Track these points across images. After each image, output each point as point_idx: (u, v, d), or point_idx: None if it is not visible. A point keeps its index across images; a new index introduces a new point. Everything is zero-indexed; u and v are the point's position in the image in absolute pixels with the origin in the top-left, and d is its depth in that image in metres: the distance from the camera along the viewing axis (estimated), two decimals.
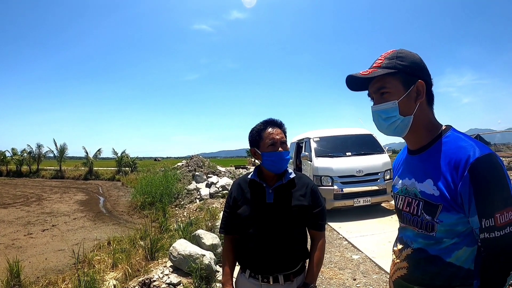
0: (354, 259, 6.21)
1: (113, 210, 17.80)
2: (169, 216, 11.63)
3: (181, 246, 5.09)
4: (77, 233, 11.88)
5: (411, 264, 1.59)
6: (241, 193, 2.34)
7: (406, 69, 1.52)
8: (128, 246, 7.79)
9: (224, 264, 2.37)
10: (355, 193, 9.48)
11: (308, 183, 2.33)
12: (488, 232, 1.34)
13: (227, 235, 2.40)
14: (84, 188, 29.00)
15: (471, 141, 1.45)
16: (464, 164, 1.37)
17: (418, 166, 1.61)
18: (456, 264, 1.46)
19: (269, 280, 2.20)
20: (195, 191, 15.44)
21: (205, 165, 21.76)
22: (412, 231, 1.60)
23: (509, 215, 1.32)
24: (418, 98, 1.52)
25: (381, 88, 1.56)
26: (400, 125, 1.56)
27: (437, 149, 1.52)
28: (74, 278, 5.63)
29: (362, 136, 11.39)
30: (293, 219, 2.20)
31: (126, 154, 45.27)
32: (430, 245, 1.51)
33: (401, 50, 1.58)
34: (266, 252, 2.17)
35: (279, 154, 2.23)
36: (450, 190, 1.41)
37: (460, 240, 1.45)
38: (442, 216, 1.44)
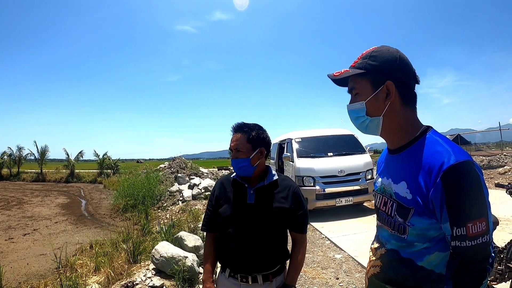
0: (336, 259, 6.27)
1: (95, 213, 17.64)
2: (151, 218, 11.59)
3: (163, 248, 5.08)
4: (59, 237, 11.73)
5: (384, 263, 1.59)
6: (223, 192, 2.36)
7: (374, 69, 1.49)
8: (110, 249, 7.75)
9: (205, 262, 2.39)
10: (337, 193, 9.57)
11: (291, 186, 2.34)
12: (460, 241, 1.32)
13: (209, 233, 2.41)
14: (65, 191, 28.67)
15: (448, 145, 1.40)
16: (437, 171, 1.33)
17: (395, 167, 1.58)
18: (427, 268, 1.45)
19: (248, 280, 2.22)
20: (177, 193, 15.37)
21: (187, 166, 21.67)
22: (386, 231, 1.59)
23: (482, 225, 1.30)
24: (388, 98, 1.49)
25: (352, 88, 1.57)
26: (369, 125, 1.56)
27: (414, 151, 1.48)
28: (56, 283, 5.60)
29: (344, 137, 11.50)
30: (273, 220, 2.22)
31: (108, 156, 44.78)
32: (402, 247, 1.50)
33: (380, 48, 1.55)
34: (245, 252, 2.19)
35: (233, 162, 2.29)
36: (422, 195, 1.38)
37: (432, 245, 1.44)
38: (414, 220, 1.42)
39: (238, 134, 2.29)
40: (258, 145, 2.28)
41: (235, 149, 2.26)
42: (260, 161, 2.30)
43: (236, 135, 2.29)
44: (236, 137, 2.28)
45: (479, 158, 18.50)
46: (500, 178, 15.54)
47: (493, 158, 17.69)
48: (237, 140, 2.27)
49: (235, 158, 2.26)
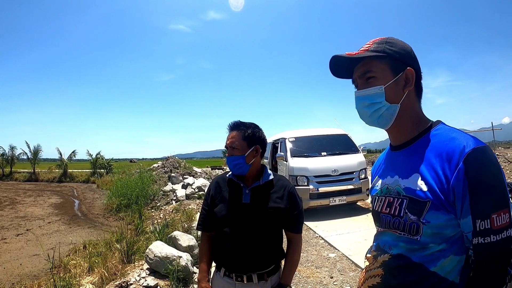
0: (330, 258, 6.29)
1: (88, 213, 17.60)
2: (145, 218, 11.55)
3: (157, 248, 5.08)
4: (52, 237, 11.68)
5: (387, 271, 1.41)
6: (218, 192, 2.36)
7: (395, 55, 1.42)
8: (104, 249, 7.71)
9: (200, 261, 2.39)
10: (331, 193, 9.60)
11: (287, 186, 2.34)
12: (483, 237, 1.17)
13: (204, 232, 2.42)
14: (58, 191, 28.55)
15: (464, 133, 1.31)
16: (459, 155, 1.22)
17: (403, 162, 1.46)
18: (440, 274, 1.27)
19: (243, 279, 2.22)
20: (171, 193, 15.33)
21: (181, 166, 21.63)
22: (392, 235, 1.42)
23: (506, 216, 1.17)
24: (407, 86, 1.42)
25: (367, 72, 1.45)
26: (385, 113, 1.44)
27: (425, 142, 1.38)
28: (49, 284, 5.57)
29: (337, 136, 11.52)
30: (269, 220, 2.22)
31: (101, 155, 44.61)
32: (413, 250, 1.33)
33: (392, 37, 1.48)
34: (240, 251, 2.20)
35: (227, 159, 2.29)
36: (442, 185, 1.25)
37: (448, 246, 1.27)
38: (430, 216, 1.26)
39: (234, 132, 2.30)
40: (254, 143, 2.29)
41: (231, 147, 2.27)
42: (255, 160, 2.30)
43: (232, 133, 2.31)
44: (232, 135, 2.30)
45: None
46: None
47: None
48: (233, 138, 2.28)
49: (231, 156, 2.27)
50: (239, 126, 2.32)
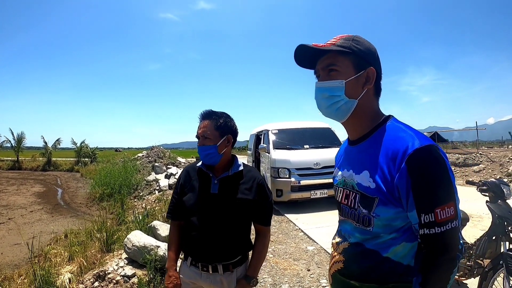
0: (309, 250, 6.34)
1: (71, 202, 17.55)
2: (127, 207, 11.54)
3: (135, 237, 5.08)
4: (34, 226, 11.62)
5: (347, 258, 1.52)
6: (188, 181, 2.37)
7: (360, 53, 1.46)
8: (85, 238, 7.72)
9: (169, 249, 2.41)
10: (312, 185, 9.65)
11: (256, 177, 2.34)
12: (428, 228, 1.27)
13: (173, 221, 2.44)
14: (42, 180, 28.35)
15: (411, 131, 1.38)
16: (402, 155, 1.29)
17: (356, 157, 1.54)
18: (394, 259, 1.39)
19: (208, 269, 2.24)
20: (154, 182, 15.30)
21: (165, 156, 21.56)
22: (350, 224, 1.53)
23: (450, 210, 1.26)
24: (367, 84, 1.47)
25: (330, 65, 1.48)
26: (342, 106, 1.48)
27: (375, 140, 1.45)
28: (30, 273, 5.57)
29: (321, 130, 11.56)
30: (236, 211, 2.24)
31: (86, 144, 44.28)
32: (367, 239, 1.44)
33: (359, 36, 1.52)
34: (206, 241, 2.22)
35: (199, 148, 2.28)
36: (387, 183, 1.34)
37: (399, 235, 1.38)
38: (379, 210, 1.37)
39: (205, 121, 2.29)
40: (226, 133, 2.29)
41: (202, 136, 2.26)
42: (227, 150, 2.31)
43: (204, 122, 2.29)
44: (203, 124, 2.28)
45: (455, 156, 18.78)
46: (475, 176, 15.85)
47: (469, 156, 18.00)
48: (205, 127, 2.27)
49: (202, 145, 2.26)
50: (211, 115, 2.31)
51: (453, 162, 18.33)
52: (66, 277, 4.99)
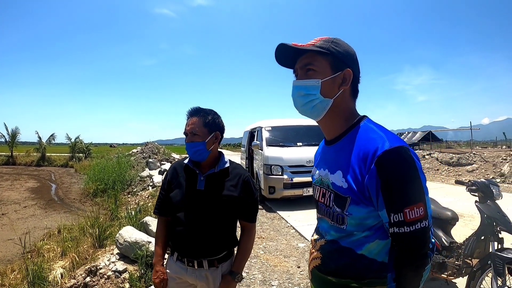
0: (300, 247, 6.37)
1: (65, 198, 17.51)
2: (120, 203, 11.53)
3: (127, 233, 5.10)
4: (28, 222, 11.61)
5: (324, 254, 1.57)
6: (175, 177, 2.40)
7: (338, 54, 1.50)
8: (78, 234, 7.74)
9: (156, 245, 2.45)
10: (305, 183, 9.65)
11: (242, 174, 2.38)
12: (398, 227, 1.31)
13: (161, 217, 2.47)
14: (36, 175, 28.25)
15: (382, 132, 1.42)
16: (372, 157, 1.33)
17: (331, 157, 1.58)
18: (368, 256, 1.43)
19: (194, 264, 2.28)
20: (148, 178, 15.31)
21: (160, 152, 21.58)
22: (326, 222, 1.58)
23: (419, 210, 1.29)
24: (343, 85, 1.51)
25: (308, 64, 1.52)
26: (318, 105, 1.52)
27: (349, 140, 1.49)
28: (23, 268, 5.59)
29: (314, 128, 11.56)
30: (221, 208, 2.28)
31: (80, 139, 44.07)
32: (342, 237, 1.49)
33: (339, 39, 1.56)
34: (192, 237, 2.26)
35: (188, 145, 2.30)
36: (358, 183, 1.38)
37: (372, 233, 1.43)
38: (351, 209, 1.41)
39: (194, 118, 2.31)
40: (214, 130, 2.32)
41: (191, 133, 2.29)
42: (214, 146, 2.34)
43: (192, 119, 2.32)
44: (192, 121, 2.31)
45: (449, 156, 18.92)
46: (468, 175, 15.98)
47: (463, 156, 18.12)
48: (194, 124, 2.29)
49: (191, 142, 2.28)
50: (199, 113, 2.34)
51: (446, 161, 18.44)
52: (58, 272, 5.03)
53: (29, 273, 4.88)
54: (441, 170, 18.31)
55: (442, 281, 4.22)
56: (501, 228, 3.47)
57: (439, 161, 19.14)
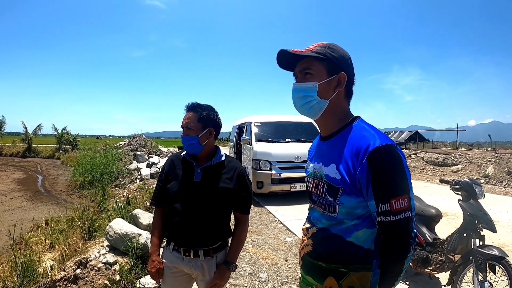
0: (287, 242, 6.46)
1: (51, 190, 17.39)
2: (108, 196, 11.50)
3: (117, 225, 5.14)
4: (14, 214, 11.54)
5: (315, 241, 1.69)
6: (172, 169, 2.49)
7: (334, 59, 1.63)
8: (66, 226, 7.71)
9: (152, 235, 2.53)
10: (293, 179, 9.77)
11: (237, 167, 2.48)
12: (384, 216, 1.45)
13: (158, 208, 2.55)
14: (22, 166, 27.97)
15: (374, 131, 1.56)
16: (364, 152, 1.47)
17: (326, 152, 1.71)
18: (356, 243, 1.56)
19: (190, 254, 2.36)
20: (135, 171, 15.26)
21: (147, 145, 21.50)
22: (318, 212, 1.70)
23: (404, 202, 1.44)
24: (338, 87, 1.64)
25: (306, 68, 1.66)
26: (315, 106, 1.67)
27: (343, 137, 1.62)
28: (10, 260, 5.57)
29: (303, 124, 11.64)
30: (217, 199, 2.36)
31: (67, 131, 43.48)
32: (332, 225, 1.61)
33: (335, 44, 1.69)
34: (188, 227, 2.34)
35: (183, 139, 2.39)
36: (350, 175, 1.51)
37: (360, 222, 1.56)
38: (343, 199, 1.54)
39: (190, 113, 2.40)
40: (208, 125, 2.40)
41: (186, 127, 2.38)
42: (209, 141, 2.42)
43: (188, 113, 2.41)
44: (188, 116, 2.40)
45: (434, 156, 19.10)
46: (453, 175, 16.18)
47: (448, 157, 18.29)
48: (189, 119, 2.38)
49: (186, 136, 2.37)
50: (196, 108, 2.42)
51: (432, 161, 18.63)
52: (48, 264, 5.02)
53: (18, 265, 4.88)
54: (426, 169, 18.50)
55: (426, 276, 4.35)
56: (482, 226, 3.60)
57: (425, 161, 19.30)
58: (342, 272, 1.59)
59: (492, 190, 12.42)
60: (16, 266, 4.91)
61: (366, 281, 1.57)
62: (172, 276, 2.47)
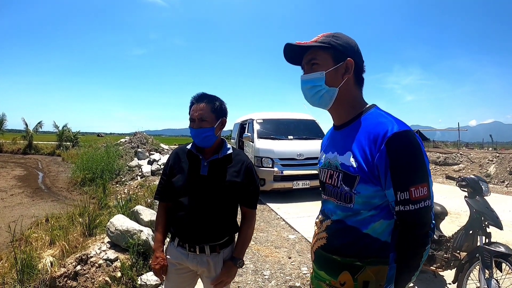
0: (290, 239, 6.44)
1: (52, 186, 17.33)
2: (109, 193, 11.46)
3: (118, 221, 5.09)
4: (14, 210, 11.48)
5: (330, 234, 1.65)
6: (177, 162, 2.41)
7: (338, 47, 1.61)
8: (66, 223, 7.67)
9: (156, 230, 2.46)
10: (295, 176, 9.75)
11: (244, 161, 2.41)
12: (403, 205, 1.41)
13: (161, 202, 2.48)
14: (22, 163, 27.90)
15: (391, 117, 1.53)
16: (382, 138, 1.43)
17: (340, 141, 1.67)
18: (372, 235, 1.52)
19: (195, 250, 2.30)
20: (136, 168, 15.21)
21: (148, 142, 21.45)
22: (332, 203, 1.66)
23: (423, 190, 1.40)
24: (346, 73, 1.62)
25: (312, 59, 1.65)
26: (325, 95, 1.64)
27: (358, 125, 1.59)
28: (10, 256, 5.54)
29: (305, 121, 11.65)
30: (224, 193, 2.30)
31: (68, 128, 43.34)
32: (348, 216, 1.56)
33: (339, 32, 1.67)
34: (194, 222, 2.27)
35: (193, 131, 2.29)
36: (368, 162, 1.47)
37: (377, 212, 1.51)
38: (360, 188, 1.50)
39: (201, 104, 2.30)
40: (221, 116, 2.34)
41: (199, 119, 2.28)
42: (220, 132, 2.37)
43: (199, 105, 2.30)
44: (199, 107, 2.29)
45: (436, 155, 19.09)
46: (454, 175, 16.19)
47: (450, 156, 18.28)
48: (202, 110, 2.28)
49: (199, 128, 2.27)
50: (207, 98, 2.34)
51: (433, 160, 18.60)
52: (48, 260, 4.98)
53: (18, 261, 4.84)
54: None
55: (430, 274, 4.30)
56: (489, 223, 3.56)
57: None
58: (357, 266, 1.54)
59: (494, 189, 12.32)
60: (16, 263, 4.87)
61: (382, 275, 1.52)
62: (176, 273, 2.41)
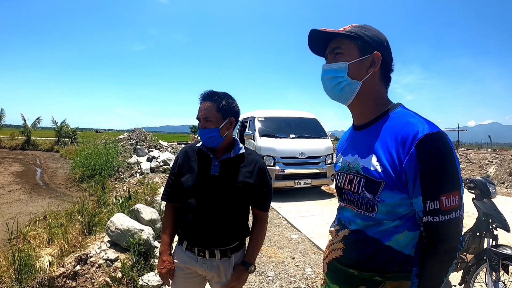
0: (293, 239, 6.40)
1: (50, 183, 17.25)
2: (108, 190, 11.39)
3: (119, 220, 5.00)
4: (12, 207, 11.38)
5: (347, 245, 1.52)
6: (187, 161, 2.31)
7: (367, 38, 1.50)
8: (65, 220, 7.59)
9: (163, 233, 2.36)
10: (296, 175, 9.72)
11: (257, 161, 2.31)
12: (432, 216, 1.28)
13: (169, 203, 2.38)
14: (20, 159, 27.83)
15: (420, 117, 1.40)
16: (412, 140, 1.30)
17: (362, 142, 1.55)
18: (395, 248, 1.39)
19: (205, 254, 2.21)
20: (135, 165, 15.16)
21: (147, 139, 21.42)
22: (351, 211, 1.53)
23: (455, 199, 1.28)
24: (371, 67, 1.50)
25: (336, 48, 1.54)
26: (346, 87, 1.52)
27: (384, 124, 1.47)
28: (8, 255, 5.45)
29: (307, 120, 11.61)
30: (236, 195, 2.20)
31: (66, 124, 43.33)
32: (369, 226, 1.44)
33: (369, 25, 1.56)
34: (204, 224, 2.17)
35: (201, 132, 2.22)
36: (395, 167, 1.35)
37: (402, 223, 1.39)
38: (384, 195, 1.37)
39: (207, 103, 2.22)
40: (228, 115, 2.23)
41: (204, 119, 2.20)
42: (228, 132, 2.26)
43: (205, 104, 2.22)
44: (205, 106, 2.21)
45: None
46: None
47: None
48: (206, 109, 2.20)
49: (204, 128, 2.20)
50: (213, 97, 2.23)
51: None
52: (46, 260, 4.90)
53: (16, 260, 4.75)
54: None
55: None
56: (496, 225, 3.54)
57: None
58: (376, 281, 1.42)
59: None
60: (14, 261, 4.78)
61: None
62: (183, 278, 2.31)
